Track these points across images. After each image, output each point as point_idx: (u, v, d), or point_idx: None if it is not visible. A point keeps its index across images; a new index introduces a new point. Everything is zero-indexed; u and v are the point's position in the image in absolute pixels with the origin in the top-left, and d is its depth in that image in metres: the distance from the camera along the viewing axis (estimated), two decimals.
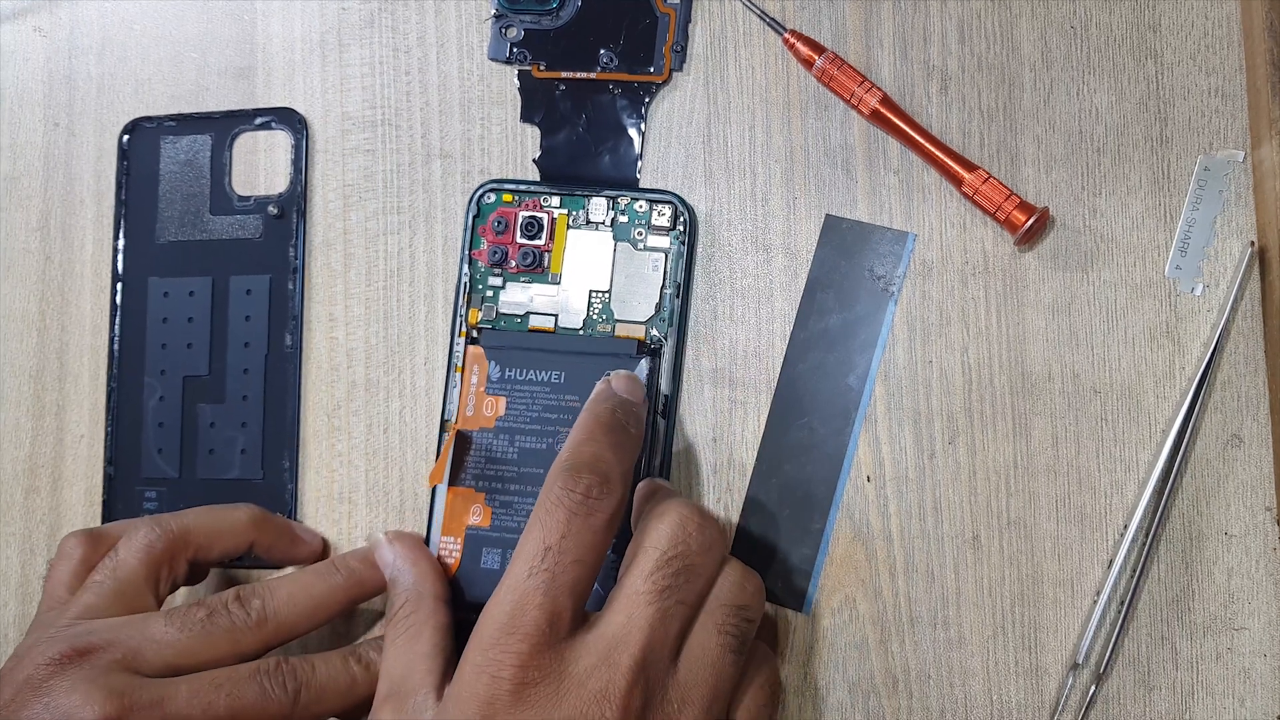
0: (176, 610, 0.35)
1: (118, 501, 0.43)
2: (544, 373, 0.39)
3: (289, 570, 0.40)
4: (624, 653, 0.32)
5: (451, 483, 0.40)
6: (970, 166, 0.38)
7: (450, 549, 0.39)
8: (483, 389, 0.40)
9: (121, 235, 0.44)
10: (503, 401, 0.40)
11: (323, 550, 0.42)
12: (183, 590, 0.40)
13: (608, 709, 0.31)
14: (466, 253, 0.41)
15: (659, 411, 0.39)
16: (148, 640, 0.34)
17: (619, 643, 0.32)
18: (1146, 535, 0.37)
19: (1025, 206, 0.38)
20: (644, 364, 0.39)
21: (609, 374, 0.38)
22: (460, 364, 0.40)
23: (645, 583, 0.33)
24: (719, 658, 0.34)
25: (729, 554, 0.36)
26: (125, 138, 0.44)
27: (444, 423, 0.40)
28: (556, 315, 0.40)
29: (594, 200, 0.40)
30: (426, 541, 0.40)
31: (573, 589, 0.33)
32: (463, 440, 0.40)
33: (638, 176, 0.41)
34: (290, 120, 0.43)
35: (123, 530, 0.38)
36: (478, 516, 0.39)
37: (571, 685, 0.32)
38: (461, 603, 0.38)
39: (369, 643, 0.38)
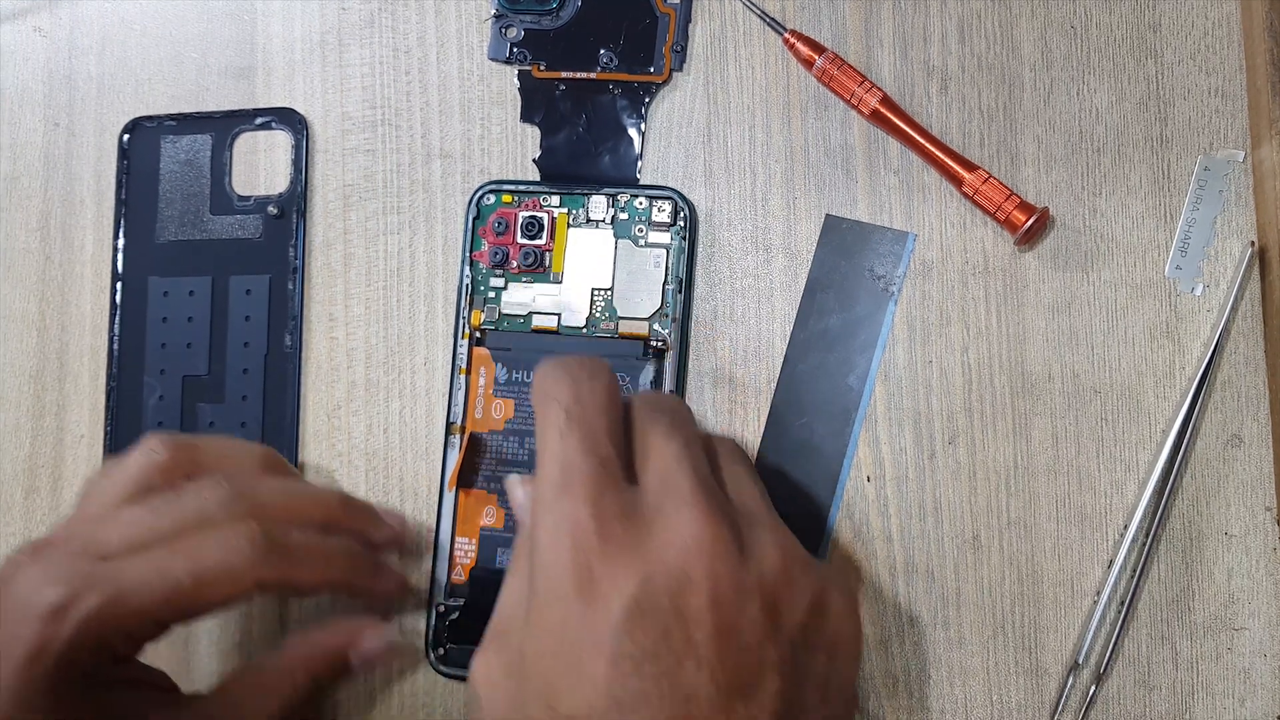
0: (147, 494, 0.34)
1: None
2: None
3: None
4: (682, 479, 0.30)
5: (463, 485, 0.40)
6: (970, 166, 0.38)
7: (465, 550, 0.40)
8: (490, 391, 0.40)
9: (121, 235, 0.44)
10: (511, 404, 0.40)
11: (402, 529, 0.40)
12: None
13: (705, 529, 0.29)
14: (467, 255, 0.41)
15: None
16: (113, 523, 0.33)
17: (669, 475, 0.31)
18: (1146, 535, 0.37)
19: (1025, 206, 0.38)
20: (649, 368, 0.39)
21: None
22: (465, 366, 0.40)
23: (656, 428, 0.32)
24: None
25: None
26: (125, 137, 0.44)
27: (449, 425, 0.40)
28: (559, 314, 0.40)
29: (594, 198, 0.40)
30: (436, 543, 0.40)
31: (610, 434, 0.31)
32: (475, 443, 0.40)
33: (638, 176, 0.41)
34: (290, 120, 0.43)
35: (217, 452, 0.36)
36: (490, 518, 0.40)
37: (650, 514, 0.30)
38: (479, 602, 0.39)
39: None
